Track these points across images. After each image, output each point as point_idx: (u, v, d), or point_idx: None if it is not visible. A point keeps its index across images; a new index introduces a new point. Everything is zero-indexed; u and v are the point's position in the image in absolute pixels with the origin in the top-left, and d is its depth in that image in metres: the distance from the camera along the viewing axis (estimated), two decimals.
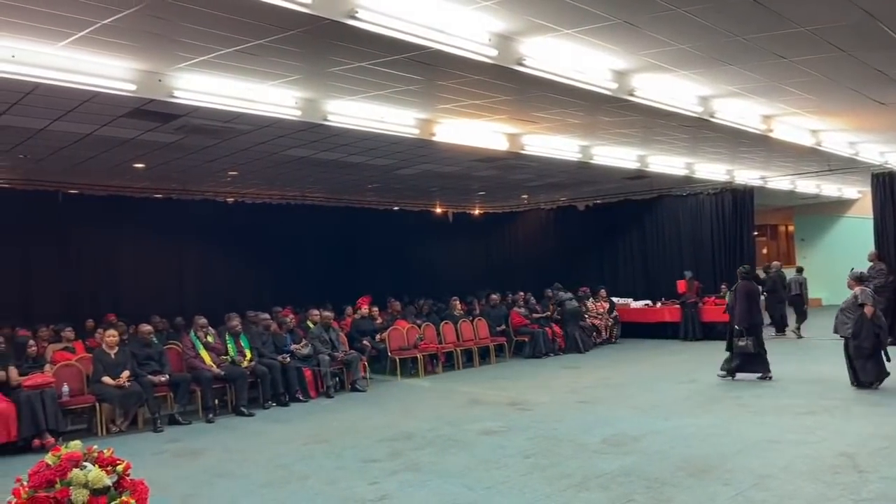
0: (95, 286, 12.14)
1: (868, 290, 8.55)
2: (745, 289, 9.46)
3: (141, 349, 8.56)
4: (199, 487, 5.68)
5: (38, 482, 2.81)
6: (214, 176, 11.80)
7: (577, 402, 8.58)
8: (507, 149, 9.76)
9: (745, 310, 9.31)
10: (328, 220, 15.05)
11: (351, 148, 9.74)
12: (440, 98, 7.64)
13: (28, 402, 7.23)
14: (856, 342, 8.32)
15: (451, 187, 14.80)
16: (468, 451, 6.39)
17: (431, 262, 17.81)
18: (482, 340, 12.50)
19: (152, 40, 5.48)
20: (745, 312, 9.32)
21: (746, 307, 9.32)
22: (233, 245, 13.73)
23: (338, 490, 5.42)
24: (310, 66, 6.28)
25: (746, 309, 9.31)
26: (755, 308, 9.42)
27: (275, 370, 9.18)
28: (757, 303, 9.52)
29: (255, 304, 11.88)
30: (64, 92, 6.22)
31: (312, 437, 7.28)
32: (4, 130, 7.75)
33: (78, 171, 10.50)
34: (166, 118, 7.57)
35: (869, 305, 8.31)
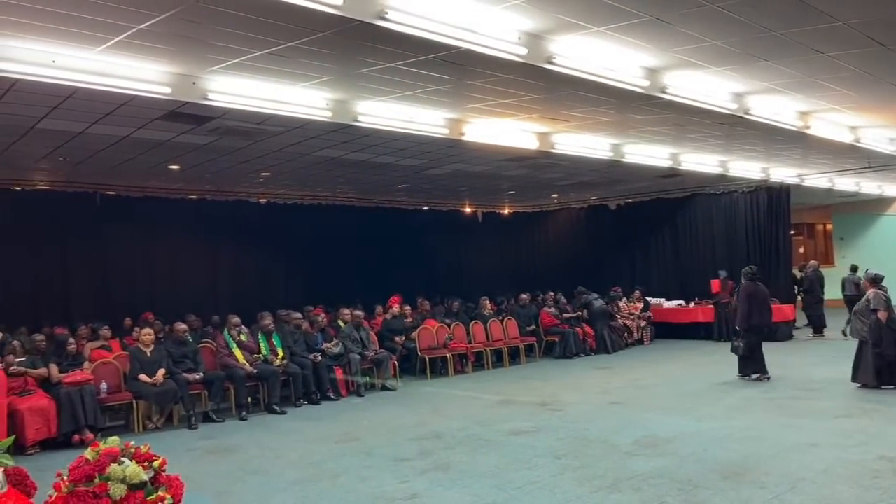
0: (132, 285, 12.38)
1: (881, 294, 8.32)
2: (748, 290, 9.39)
3: (176, 347, 8.72)
4: (232, 484, 5.77)
5: (77, 477, 2.88)
6: (247, 177, 11.96)
7: (609, 402, 8.50)
8: (537, 148, 9.71)
9: (746, 311, 9.30)
10: (359, 220, 15.15)
11: (381, 148, 9.79)
12: (470, 98, 7.64)
13: (68, 398, 7.42)
14: (877, 350, 8.15)
15: (481, 187, 14.78)
16: (498, 451, 6.38)
17: (461, 261, 17.81)
18: (512, 340, 12.46)
19: (186, 44, 5.57)
20: (745, 314, 9.30)
21: (747, 309, 9.29)
22: (265, 245, 13.90)
23: (368, 488, 5.45)
24: (340, 67, 6.33)
25: (747, 311, 9.29)
26: (755, 310, 9.32)
27: (306, 368, 9.28)
28: (758, 305, 9.37)
29: (287, 304, 12.01)
30: (102, 95, 6.36)
31: (343, 436, 7.34)
32: (45, 134, 7.95)
33: (115, 172, 10.73)
34: (200, 120, 7.69)
35: (882, 311, 8.14)
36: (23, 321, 10.17)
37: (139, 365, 8.21)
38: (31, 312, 10.94)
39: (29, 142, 8.30)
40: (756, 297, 9.38)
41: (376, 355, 10.22)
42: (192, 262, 13.22)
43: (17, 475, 3.37)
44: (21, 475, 3.41)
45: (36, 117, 7.26)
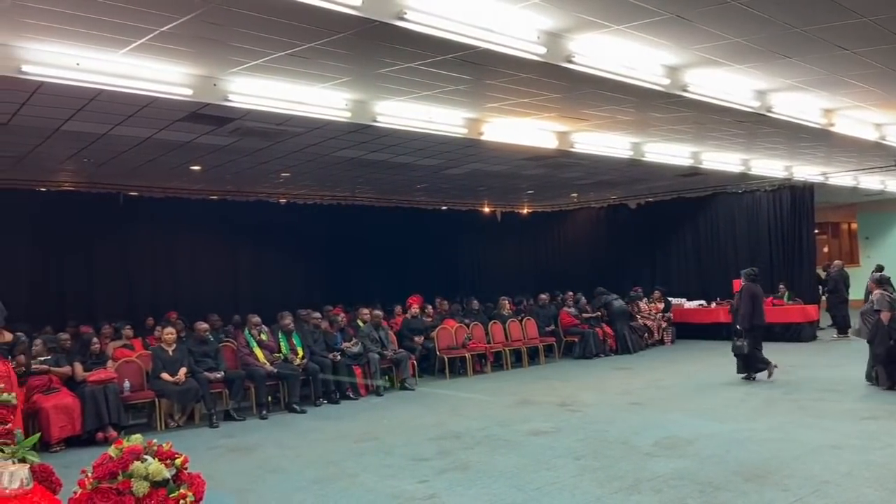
0: (154, 285, 12.53)
1: (886, 296, 8.44)
2: (751, 291, 9.58)
3: (197, 346, 8.81)
4: (252, 482, 5.81)
5: (101, 474, 2.92)
6: (267, 177, 12.05)
7: (629, 403, 8.44)
8: (557, 147, 9.67)
9: (749, 311, 9.43)
10: (378, 220, 15.19)
11: (399, 148, 9.81)
12: (488, 97, 7.63)
13: (92, 396, 7.53)
14: (871, 347, 8.43)
15: (500, 186, 14.76)
16: (517, 452, 6.36)
17: (480, 261, 17.80)
18: (531, 340, 12.42)
19: (207, 46, 5.63)
20: (748, 314, 9.43)
21: (750, 309, 9.43)
22: (285, 245, 13.99)
23: (387, 487, 5.46)
24: (359, 67, 6.35)
25: (750, 310, 9.42)
26: (758, 310, 9.52)
27: (326, 368, 9.33)
28: (760, 305, 9.63)
29: (307, 303, 12.07)
30: (125, 97, 6.45)
31: (362, 435, 7.36)
32: (70, 136, 8.08)
33: (138, 173, 10.87)
34: (221, 121, 7.76)
35: (885, 311, 8.25)
36: (48, 320, 10.35)
37: (161, 364, 8.30)
38: (56, 311, 11.12)
39: (54, 143, 8.44)
40: (758, 297, 9.59)
41: (395, 355, 10.25)
42: (213, 262, 13.35)
43: (43, 472, 3.42)
44: (47, 472, 3.47)
45: (61, 119, 7.37)
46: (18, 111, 6.95)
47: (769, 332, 13.29)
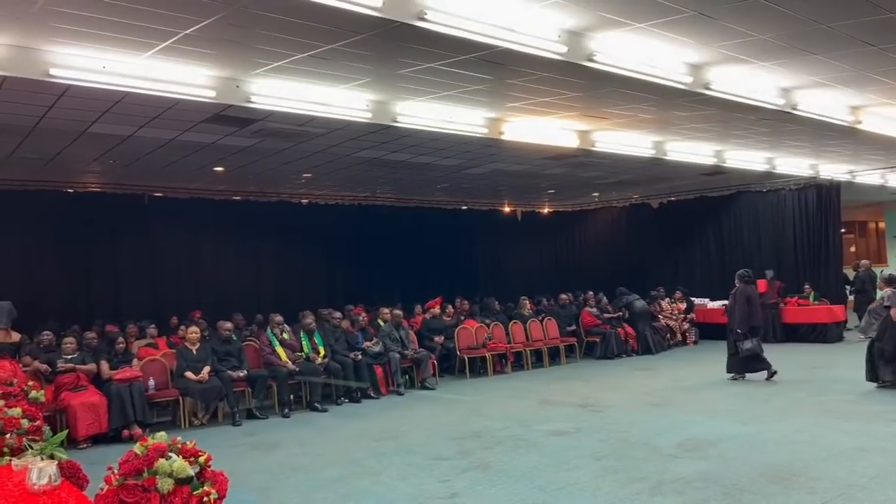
0: (178, 284, 12.70)
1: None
2: (745, 293, 9.65)
3: (221, 345, 8.90)
4: (275, 480, 5.86)
5: (127, 470, 2.96)
6: (289, 178, 12.14)
7: (650, 404, 8.37)
8: (578, 146, 9.62)
9: (745, 313, 9.50)
10: (398, 219, 15.24)
11: (420, 148, 9.83)
12: (509, 96, 7.62)
13: (118, 394, 7.64)
14: (879, 344, 8.40)
15: (520, 186, 14.72)
16: (538, 452, 6.34)
17: (500, 261, 17.76)
18: (552, 340, 12.37)
19: (230, 48, 5.69)
20: (744, 316, 9.50)
21: (746, 310, 9.51)
22: (307, 245, 14.09)
23: (408, 486, 5.48)
24: (380, 68, 6.38)
25: (746, 312, 9.50)
26: (754, 311, 9.59)
27: (347, 367, 9.38)
28: (756, 306, 9.68)
29: (329, 302, 12.15)
30: (149, 100, 6.54)
31: (383, 434, 7.39)
32: (96, 138, 8.21)
33: (162, 174, 11.02)
34: (244, 123, 7.84)
35: (895, 308, 8.23)
36: (76, 319, 10.53)
37: (185, 362, 8.40)
38: (83, 310, 11.33)
39: (81, 145, 8.58)
40: (753, 298, 9.68)
41: (416, 354, 10.27)
42: (236, 262, 13.50)
43: (71, 468, 3.48)
44: (74, 468, 3.53)
45: (87, 121, 7.49)
46: (46, 114, 7.08)
47: (795, 333, 13.23)
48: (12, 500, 3.04)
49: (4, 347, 7.22)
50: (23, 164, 9.60)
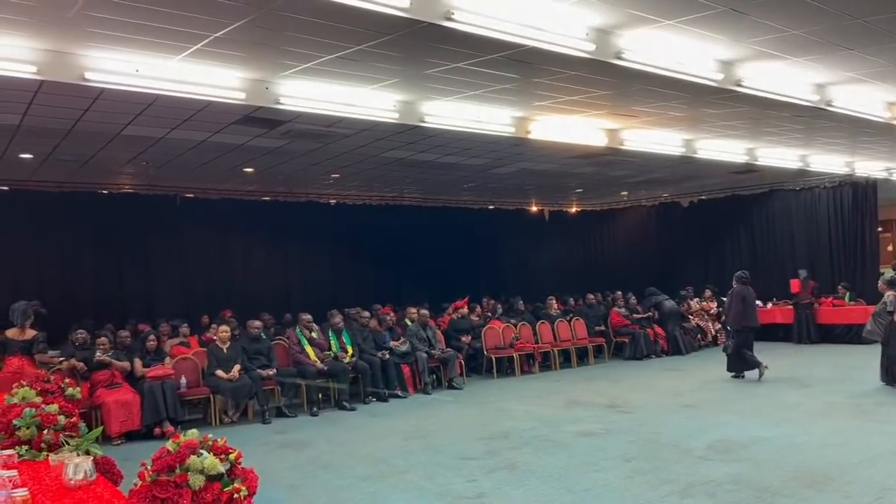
0: (209, 284, 12.87)
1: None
2: (742, 293, 9.97)
3: (250, 344, 9.01)
4: (303, 478, 5.92)
5: (160, 467, 3.01)
6: (317, 179, 12.25)
7: (681, 405, 8.27)
8: (606, 145, 9.54)
9: (740, 312, 9.85)
10: (425, 219, 15.26)
11: (447, 148, 9.84)
12: (536, 95, 7.58)
13: (151, 392, 7.79)
14: (886, 350, 8.59)
15: (548, 185, 14.65)
16: (566, 453, 6.31)
17: (527, 260, 17.69)
18: (580, 341, 12.29)
19: (260, 50, 5.76)
20: (738, 315, 9.86)
21: (741, 310, 9.85)
22: (335, 245, 14.19)
23: (436, 486, 5.49)
24: (407, 68, 6.40)
25: (741, 312, 9.85)
26: (749, 311, 9.94)
27: (375, 366, 9.43)
28: (752, 307, 10.06)
29: (356, 302, 12.22)
30: (181, 102, 6.64)
31: (411, 433, 7.41)
32: (130, 140, 8.37)
33: (194, 175, 11.19)
34: (273, 124, 7.92)
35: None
36: (110, 317, 10.74)
37: (216, 361, 8.52)
38: (117, 309, 11.55)
39: (115, 147, 8.75)
40: (749, 299, 9.99)
41: (443, 354, 10.28)
42: (266, 262, 13.66)
43: (105, 464, 3.56)
44: (108, 464, 3.60)
45: (121, 124, 7.64)
46: (82, 117, 7.23)
47: (830, 334, 12.97)
48: (50, 495, 3.12)
49: (17, 344, 7.54)
50: (60, 166, 9.82)
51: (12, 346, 7.52)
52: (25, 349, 7.58)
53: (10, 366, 7.30)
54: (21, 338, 7.63)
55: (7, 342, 7.57)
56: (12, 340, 7.57)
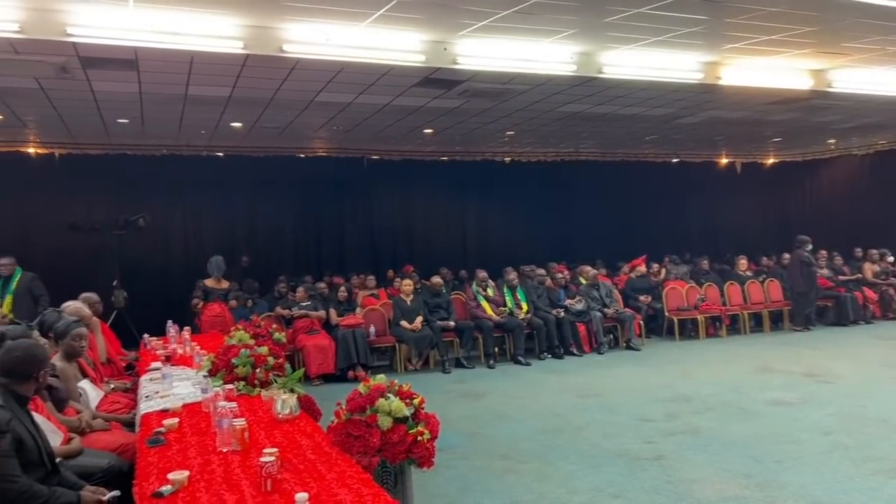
0: (394, 240, 13.68)
1: None
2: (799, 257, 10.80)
3: (431, 298, 9.45)
4: (481, 426, 6.16)
5: (353, 407, 3.30)
6: (493, 137, 12.34)
7: (892, 377, 7.40)
8: (810, 88, 8.58)
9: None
10: (602, 175, 14.81)
11: (626, 99, 9.42)
12: (728, 37, 6.98)
13: (344, 339, 8.49)
14: None
15: (740, 135, 13.50)
16: (755, 421, 5.94)
17: (715, 216, 16.57)
18: (774, 304, 11.37)
19: (438, 11, 5.86)
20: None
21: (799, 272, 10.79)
22: (510, 202, 14.29)
23: (612, 444, 5.45)
24: (585, 18, 6.17)
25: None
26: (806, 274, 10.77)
27: (550, 323, 9.47)
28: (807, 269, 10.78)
29: (531, 259, 12.29)
30: (366, 68, 6.98)
31: (586, 391, 7.39)
32: (323, 106, 8.98)
33: (378, 138, 11.78)
34: (450, 84, 8.07)
35: None
36: (308, 270, 11.82)
37: (401, 312, 9.07)
38: (314, 262, 12.68)
39: (309, 114, 9.45)
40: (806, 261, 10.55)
41: (619, 313, 10.05)
42: (444, 220, 14.19)
43: (307, 402, 3.96)
44: (309, 402, 4.01)
45: (314, 91, 8.21)
46: (281, 87, 7.88)
47: None
48: (262, 426, 3.55)
49: (216, 292, 8.79)
50: (264, 133, 10.82)
51: (212, 293, 8.75)
52: (223, 297, 8.81)
53: (211, 311, 8.57)
54: (218, 287, 8.85)
55: (207, 290, 8.80)
56: (211, 289, 8.81)
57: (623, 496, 4.37)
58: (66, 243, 10.72)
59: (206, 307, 8.66)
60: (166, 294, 10.70)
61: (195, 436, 3.39)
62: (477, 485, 4.69)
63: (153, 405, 4.06)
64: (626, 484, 4.57)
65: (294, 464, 2.88)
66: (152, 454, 3.11)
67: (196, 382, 4.46)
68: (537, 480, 4.72)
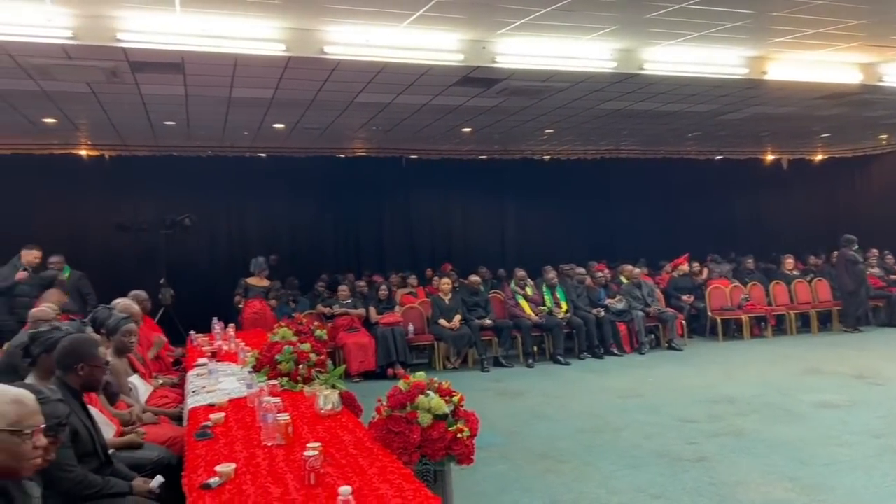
0: (432, 239, 13.74)
1: None
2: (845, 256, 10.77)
3: (470, 296, 9.47)
4: (520, 425, 6.15)
5: (394, 403, 3.34)
6: (532, 135, 12.28)
7: None
8: (860, 82, 8.33)
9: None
10: (644, 172, 14.61)
11: (668, 96, 9.28)
12: (773, 31, 6.82)
13: (383, 337, 8.57)
14: None
15: (786, 131, 13.17)
16: (801, 424, 5.80)
17: (759, 214, 16.18)
18: (822, 304, 11.08)
19: (477, 10, 5.87)
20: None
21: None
22: (548, 201, 14.20)
23: (653, 445, 5.39)
24: (626, 14, 6.11)
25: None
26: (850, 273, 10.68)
27: (589, 323, 9.40)
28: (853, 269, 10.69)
29: (570, 258, 12.20)
30: (405, 68, 7.04)
31: (627, 391, 7.31)
32: (362, 106, 9.07)
33: (417, 137, 11.84)
34: (489, 83, 8.07)
35: None
36: (348, 268, 11.96)
37: (439, 311, 9.11)
38: (353, 261, 12.81)
39: (349, 114, 9.55)
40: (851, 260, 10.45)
41: (660, 313, 9.91)
42: (482, 218, 14.17)
43: (348, 398, 4.02)
44: (351, 398, 4.07)
45: (354, 92, 8.30)
46: (321, 88, 7.98)
47: None
48: (305, 420, 3.62)
49: (258, 290, 9.09)
50: (305, 134, 10.98)
51: (252, 290, 9.06)
52: (263, 294, 9.08)
53: (252, 307, 8.87)
54: (260, 285, 9.12)
55: (248, 287, 9.12)
56: (252, 286, 9.11)
57: (664, 497, 4.32)
58: (115, 242, 11.08)
59: (246, 304, 8.90)
60: (210, 292, 10.96)
61: (241, 430, 3.47)
62: (516, 483, 4.70)
63: (200, 400, 4.17)
64: (668, 485, 4.52)
65: (336, 458, 2.93)
66: (200, 447, 3.20)
67: (241, 378, 4.56)
68: (577, 480, 4.70)
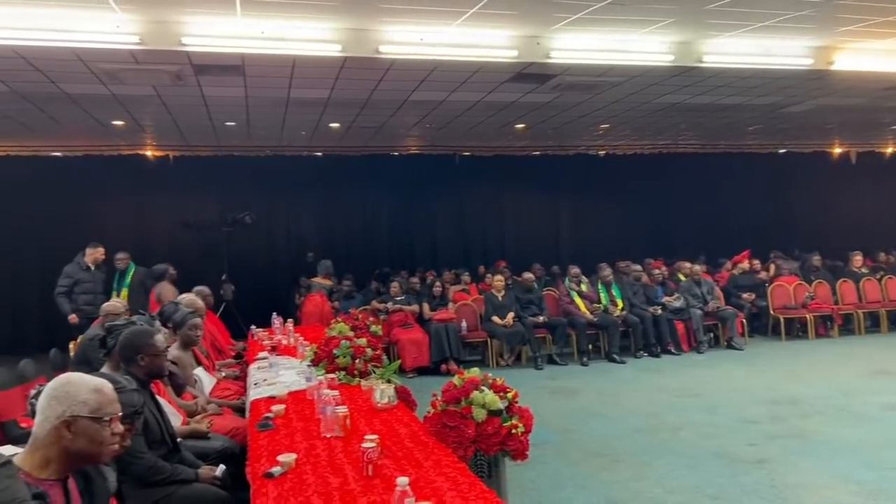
0: (485, 236, 13.76)
1: None
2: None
3: (523, 294, 9.44)
4: (575, 423, 6.12)
5: (448, 398, 3.38)
6: (587, 130, 12.13)
7: None
8: None
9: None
10: (702, 168, 14.25)
11: (728, 89, 9.03)
12: (842, 19, 6.56)
13: (437, 333, 8.65)
14: None
15: (855, 123, 12.63)
16: (868, 426, 5.59)
17: (826, 210, 15.59)
18: (892, 303, 10.61)
19: (531, 6, 5.84)
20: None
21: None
22: (604, 197, 14.04)
23: (712, 445, 5.28)
24: (684, 6, 5.98)
25: None
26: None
27: (646, 321, 9.25)
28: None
29: (626, 255, 12.01)
30: (459, 65, 7.06)
31: (684, 390, 7.19)
32: (415, 105, 9.15)
33: (470, 135, 11.86)
34: (543, 79, 8.02)
35: None
36: (402, 265, 12.10)
37: (492, 308, 9.12)
38: (407, 258, 12.95)
39: (403, 113, 9.64)
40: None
41: (719, 311, 9.67)
42: (536, 215, 14.12)
43: (404, 392, 4.09)
44: (406, 392, 4.14)
45: (408, 91, 8.38)
46: (376, 87, 8.09)
47: None
48: (363, 414, 3.70)
49: (321, 286, 9.68)
50: (360, 133, 11.14)
51: (315, 286, 9.69)
52: (327, 291, 9.65)
53: (312, 301, 9.27)
54: (325, 283, 9.72)
55: (312, 284, 9.81)
56: (316, 283, 9.75)
57: (722, 497, 4.24)
58: (179, 240, 11.49)
59: (308, 297, 9.25)
60: (269, 287, 11.26)
61: (300, 421, 3.58)
62: (570, 480, 4.68)
63: (261, 392, 4.31)
64: (727, 486, 4.43)
65: (393, 451, 2.99)
66: (262, 438, 3.31)
67: (300, 371, 4.69)
68: (633, 479, 4.66)
